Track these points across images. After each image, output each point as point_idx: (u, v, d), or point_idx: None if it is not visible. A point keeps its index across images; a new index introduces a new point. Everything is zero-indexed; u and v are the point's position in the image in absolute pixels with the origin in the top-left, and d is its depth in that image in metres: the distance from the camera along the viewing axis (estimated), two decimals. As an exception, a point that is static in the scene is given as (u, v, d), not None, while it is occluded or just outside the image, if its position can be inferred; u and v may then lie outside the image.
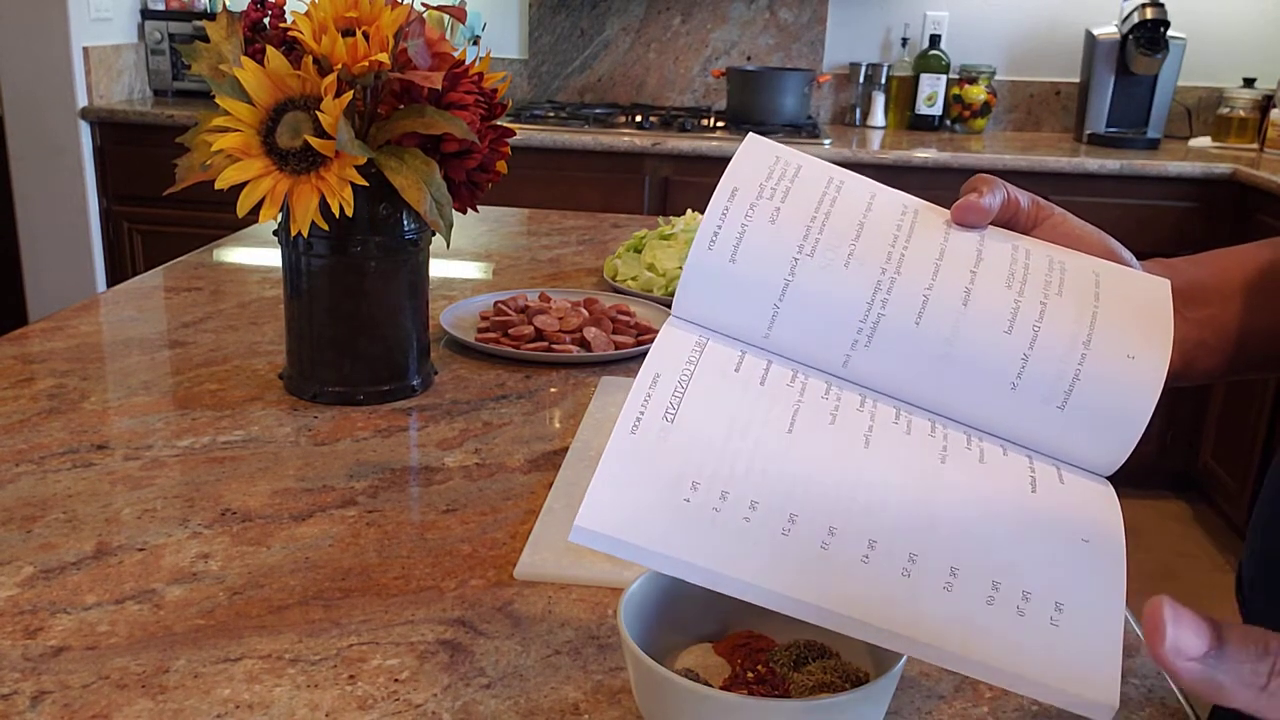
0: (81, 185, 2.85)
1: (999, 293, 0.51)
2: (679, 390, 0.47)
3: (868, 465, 0.46)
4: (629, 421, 0.46)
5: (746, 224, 0.51)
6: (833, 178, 0.55)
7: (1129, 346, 0.50)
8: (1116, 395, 0.49)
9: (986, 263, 0.53)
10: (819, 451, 0.46)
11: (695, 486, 0.44)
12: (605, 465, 0.44)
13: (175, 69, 3.04)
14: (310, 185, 0.78)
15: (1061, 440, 0.50)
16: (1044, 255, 0.54)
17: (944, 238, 0.54)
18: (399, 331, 0.91)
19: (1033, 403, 0.49)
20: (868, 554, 0.43)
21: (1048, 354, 0.50)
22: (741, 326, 0.51)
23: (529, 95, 3.25)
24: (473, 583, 0.64)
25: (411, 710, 0.52)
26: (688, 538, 0.43)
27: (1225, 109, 2.94)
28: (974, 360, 0.50)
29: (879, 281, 0.51)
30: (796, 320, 0.51)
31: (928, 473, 0.47)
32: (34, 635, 0.57)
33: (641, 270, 1.29)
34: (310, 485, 0.76)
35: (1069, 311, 0.51)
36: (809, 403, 0.49)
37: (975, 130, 3.08)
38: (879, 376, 0.51)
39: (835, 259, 0.51)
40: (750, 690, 0.49)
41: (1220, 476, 2.65)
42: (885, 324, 0.50)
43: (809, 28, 3.16)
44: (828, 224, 0.52)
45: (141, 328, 1.09)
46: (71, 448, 0.80)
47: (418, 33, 0.82)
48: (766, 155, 0.55)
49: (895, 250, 0.52)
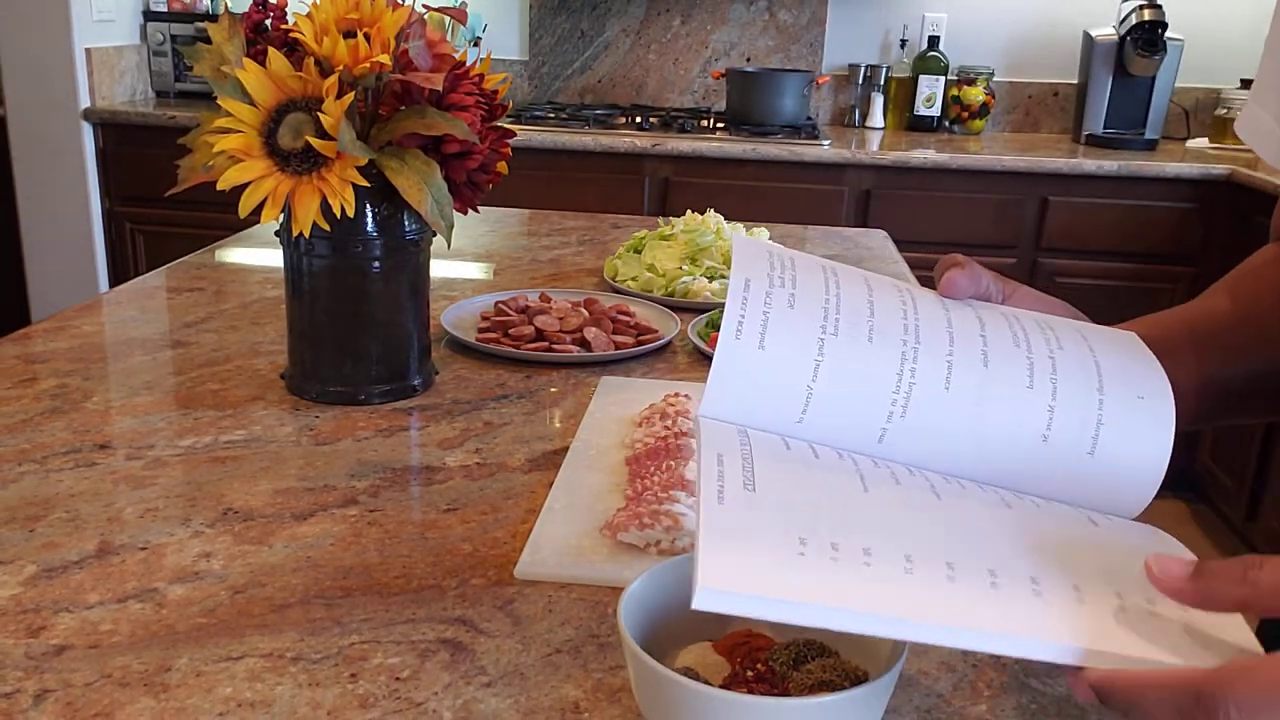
0: (84, 186, 2.85)
1: (1011, 351, 0.52)
2: (747, 465, 0.47)
3: (947, 512, 0.47)
4: (712, 496, 0.45)
5: (768, 310, 0.51)
6: (825, 265, 0.56)
7: (1136, 389, 0.52)
8: (1138, 435, 0.51)
9: (989, 326, 0.54)
10: (899, 508, 0.47)
11: (804, 542, 0.43)
12: (708, 538, 0.43)
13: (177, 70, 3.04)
14: (312, 186, 0.79)
15: (1094, 485, 0.51)
16: (1030, 318, 0.56)
17: (944, 308, 0.55)
18: (400, 331, 0.91)
19: (1065, 451, 0.51)
20: (993, 580, 0.44)
21: (1070, 403, 0.51)
22: (776, 413, 0.51)
23: (529, 96, 3.26)
24: (473, 582, 0.64)
25: (412, 709, 0.52)
26: (817, 584, 0.42)
27: (1223, 110, 2.95)
28: (1005, 417, 0.51)
29: (904, 352, 0.51)
30: (832, 399, 0.51)
31: (1004, 514, 0.48)
32: (37, 634, 0.57)
33: (641, 270, 1.29)
34: (312, 485, 0.76)
35: (1076, 362, 0.52)
36: (867, 471, 0.49)
37: (974, 131, 3.09)
38: (915, 447, 0.51)
39: (859, 335, 0.51)
40: (750, 689, 0.49)
41: (1218, 476, 2.66)
42: (918, 392, 0.51)
43: (808, 29, 3.16)
44: (841, 304, 0.53)
45: (144, 328, 1.09)
46: (74, 447, 0.80)
47: (419, 34, 0.82)
48: (761, 251, 0.56)
49: (909, 322, 0.53)
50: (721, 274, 1.28)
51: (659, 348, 1.08)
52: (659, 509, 0.68)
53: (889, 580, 0.43)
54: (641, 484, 0.74)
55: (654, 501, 0.69)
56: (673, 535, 0.66)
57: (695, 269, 1.28)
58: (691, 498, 0.71)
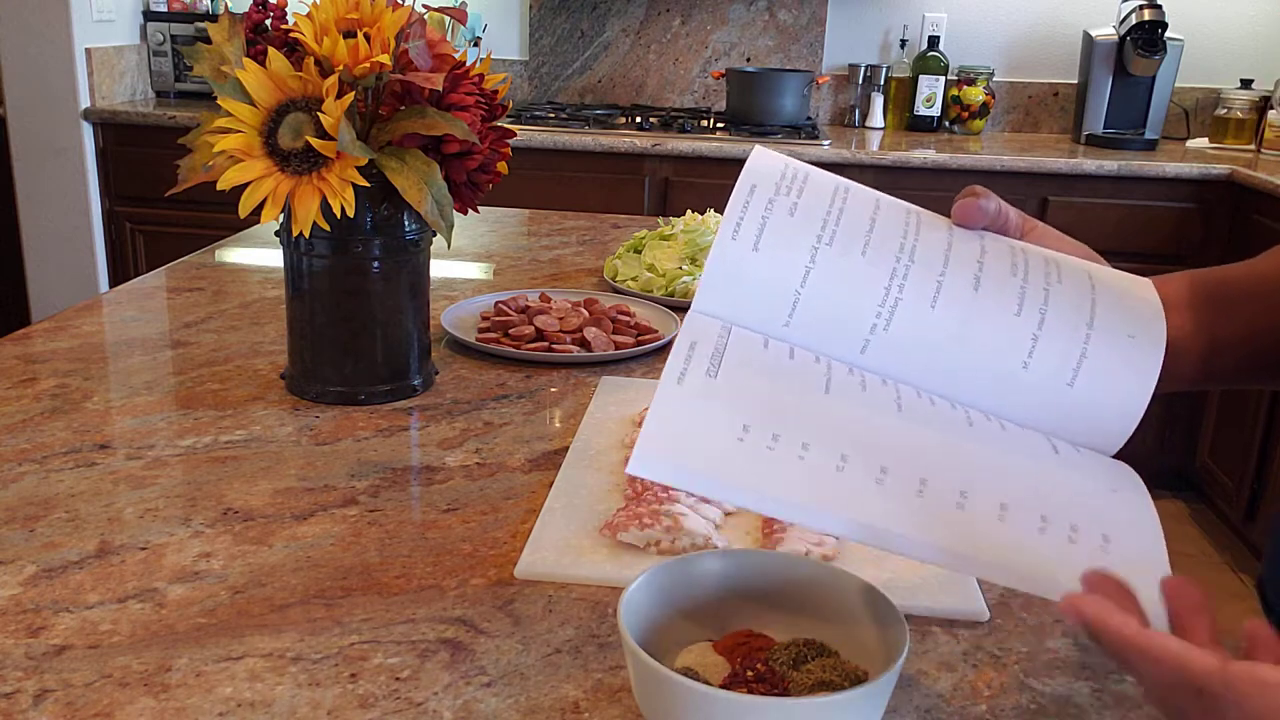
0: (84, 186, 2.85)
1: (1006, 279, 0.53)
2: (716, 355, 0.49)
3: (903, 422, 0.49)
4: (673, 376, 0.47)
5: (767, 215, 0.53)
6: (839, 183, 0.57)
7: (1128, 327, 0.53)
8: (1121, 372, 0.52)
9: (990, 254, 0.55)
10: (854, 412, 0.48)
11: (747, 429, 0.46)
12: (656, 410, 0.46)
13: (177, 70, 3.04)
14: (312, 186, 0.79)
15: (1070, 417, 0.52)
16: (1038, 252, 0.57)
17: (949, 233, 0.56)
18: (400, 331, 0.91)
19: (1043, 381, 0.51)
20: (921, 489, 0.45)
21: (1056, 334, 0.52)
22: (763, 314, 0.52)
23: (529, 96, 3.26)
24: (473, 582, 0.64)
25: (412, 709, 0.52)
26: (745, 467, 0.44)
27: (1223, 110, 2.94)
28: (987, 341, 0.52)
29: (894, 269, 0.53)
30: (818, 306, 0.52)
31: (960, 431, 0.49)
32: (37, 634, 0.57)
33: (641, 270, 1.29)
34: (312, 484, 0.76)
35: (1070, 297, 0.53)
36: (838, 377, 0.51)
37: (973, 131, 3.09)
38: (896, 361, 0.52)
39: (853, 247, 0.53)
40: (750, 689, 0.49)
41: (1218, 476, 2.65)
42: (903, 308, 0.52)
43: (808, 29, 3.16)
44: (843, 218, 0.54)
45: (144, 328, 1.09)
46: (74, 447, 0.80)
47: (419, 34, 0.82)
48: (777, 161, 0.57)
49: (907, 242, 0.54)
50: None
51: (659, 348, 1.08)
52: (659, 509, 0.68)
53: (817, 474, 0.45)
54: (641, 484, 0.74)
55: (654, 501, 0.69)
56: (673, 535, 0.67)
57: (695, 269, 1.28)
58: (691, 498, 0.71)
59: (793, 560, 0.56)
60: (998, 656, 0.59)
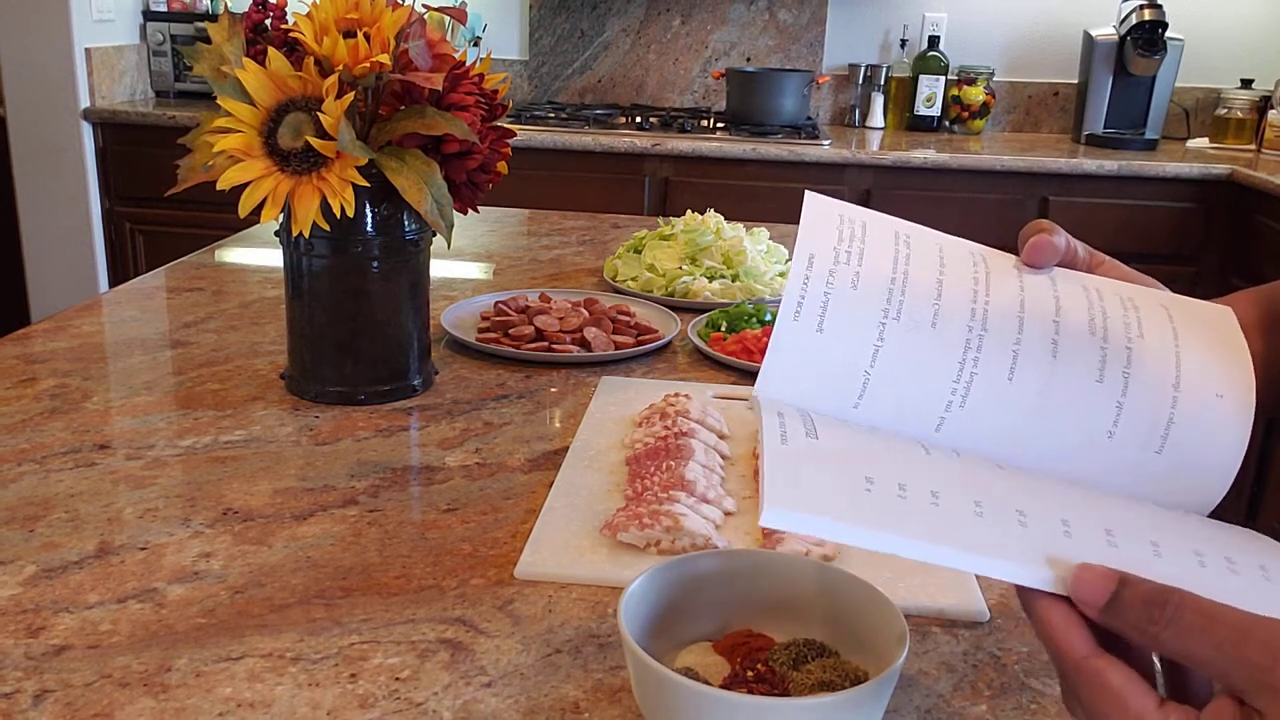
0: (84, 186, 2.85)
1: (1084, 340, 0.50)
2: (807, 420, 0.47)
3: (1014, 474, 0.47)
4: (775, 437, 0.45)
5: (829, 292, 0.50)
6: (899, 231, 0.54)
7: (1216, 385, 0.50)
8: (1211, 435, 0.50)
9: (1065, 310, 0.52)
10: (963, 467, 0.47)
11: (870, 480, 0.44)
12: (772, 466, 0.43)
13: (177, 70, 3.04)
14: (311, 186, 0.79)
15: (1159, 485, 0.50)
16: (1114, 295, 0.54)
17: (1020, 286, 0.52)
18: (400, 331, 0.91)
19: (1130, 450, 0.49)
20: (1066, 530, 0.44)
21: (1141, 400, 0.49)
22: (831, 398, 0.50)
23: (529, 96, 3.26)
24: (473, 582, 0.64)
25: (412, 709, 0.52)
26: (883, 515, 0.42)
27: (1223, 110, 2.94)
28: (1068, 413, 0.49)
29: (968, 339, 0.50)
30: (889, 386, 0.49)
31: (1066, 485, 0.48)
32: (36, 634, 0.57)
33: (641, 270, 1.29)
34: (311, 485, 0.76)
35: (1154, 355, 0.50)
36: (929, 443, 0.49)
37: (974, 131, 3.09)
38: (973, 437, 0.50)
39: (922, 320, 0.50)
40: (750, 689, 0.49)
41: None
42: (979, 382, 0.49)
43: (808, 29, 3.16)
44: (908, 284, 0.51)
45: (143, 328, 1.09)
46: (74, 447, 0.80)
47: (419, 34, 0.82)
48: (832, 215, 0.54)
49: (978, 305, 0.51)
50: (721, 274, 1.28)
51: (659, 348, 1.08)
52: (659, 509, 0.68)
53: (955, 517, 0.42)
54: (641, 484, 0.74)
55: (654, 501, 0.69)
56: (673, 535, 0.66)
57: (695, 269, 1.28)
58: (691, 498, 0.71)
59: (792, 560, 0.56)
60: (998, 656, 0.59)
